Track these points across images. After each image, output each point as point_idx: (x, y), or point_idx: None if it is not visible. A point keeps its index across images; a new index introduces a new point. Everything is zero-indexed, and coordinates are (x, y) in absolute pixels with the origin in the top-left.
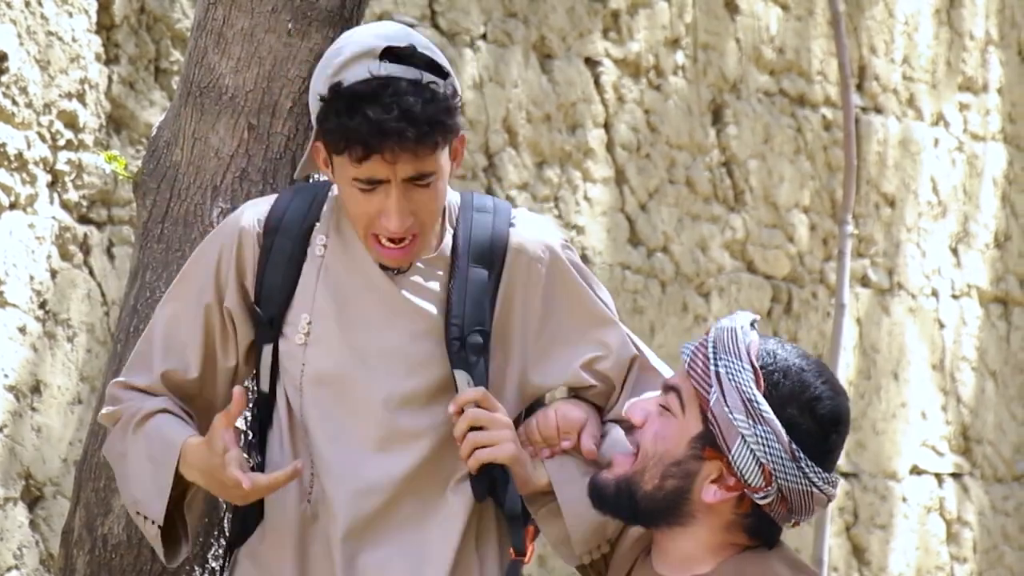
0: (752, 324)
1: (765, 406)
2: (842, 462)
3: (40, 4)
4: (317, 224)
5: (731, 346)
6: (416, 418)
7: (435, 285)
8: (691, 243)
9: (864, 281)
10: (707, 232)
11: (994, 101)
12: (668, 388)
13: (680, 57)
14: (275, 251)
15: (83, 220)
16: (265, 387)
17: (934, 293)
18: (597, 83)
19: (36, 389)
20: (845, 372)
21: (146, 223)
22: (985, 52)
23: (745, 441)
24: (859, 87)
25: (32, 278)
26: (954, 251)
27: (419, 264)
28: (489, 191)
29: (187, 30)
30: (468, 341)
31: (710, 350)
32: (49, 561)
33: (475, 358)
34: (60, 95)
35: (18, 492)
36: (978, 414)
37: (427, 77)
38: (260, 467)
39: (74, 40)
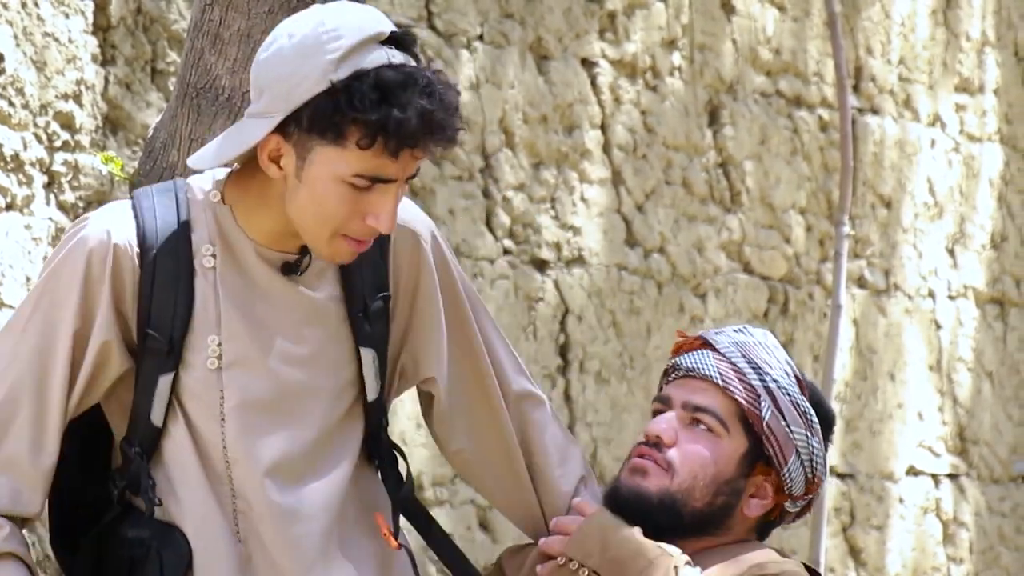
0: None
1: (815, 417)
2: (838, 463)
3: (36, 5)
4: (192, 232)
5: (772, 360)
6: (347, 430)
7: (330, 272)
8: (688, 244)
9: (860, 282)
10: (704, 233)
11: (991, 102)
12: (698, 408)
13: (676, 58)
14: (160, 271)
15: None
16: (159, 421)
17: (931, 294)
18: (594, 84)
19: None
20: (841, 373)
21: None
22: (982, 53)
23: (798, 454)
24: (855, 88)
25: (28, 279)
26: (951, 252)
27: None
28: (485, 192)
29: (183, 31)
30: (371, 309)
31: (745, 367)
32: (46, 562)
33: (378, 325)
34: (56, 96)
35: None
36: (974, 415)
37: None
38: (149, 504)
39: (70, 41)
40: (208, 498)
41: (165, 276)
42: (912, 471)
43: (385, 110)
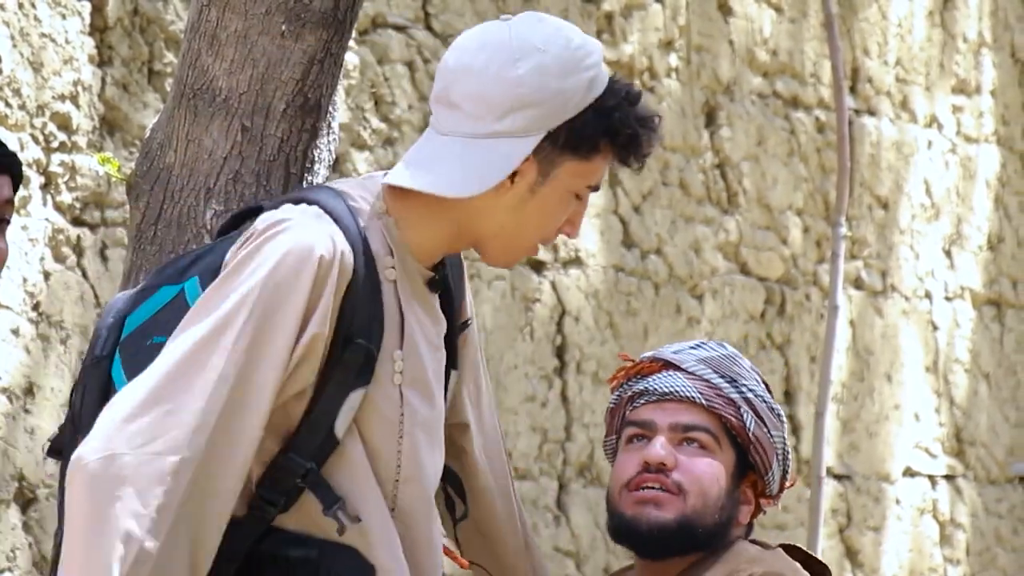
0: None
1: (783, 415)
2: (835, 464)
3: (33, 6)
4: (370, 243)
5: (742, 371)
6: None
7: (433, 295)
8: (684, 245)
9: (857, 283)
10: (700, 234)
11: (987, 103)
12: (689, 428)
13: (674, 59)
14: (363, 279)
15: (76, 222)
16: (341, 435)
17: (927, 295)
18: None
19: (29, 391)
20: (838, 374)
21: (139, 225)
22: (978, 54)
23: (778, 456)
24: (852, 89)
25: (25, 280)
26: (947, 253)
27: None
28: None
29: (180, 32)
30: (459, 333)
31: (720, 380)
32: (42, 563)
33: (456, 350)
34: (53, 97)
35: (11, 494)
36: (971, 416)
37: None
38: (346, 520)
39: (67, 42)
40: (387, 519)
41: (365, 286)
42: (909, 472)
43: (641, 127)
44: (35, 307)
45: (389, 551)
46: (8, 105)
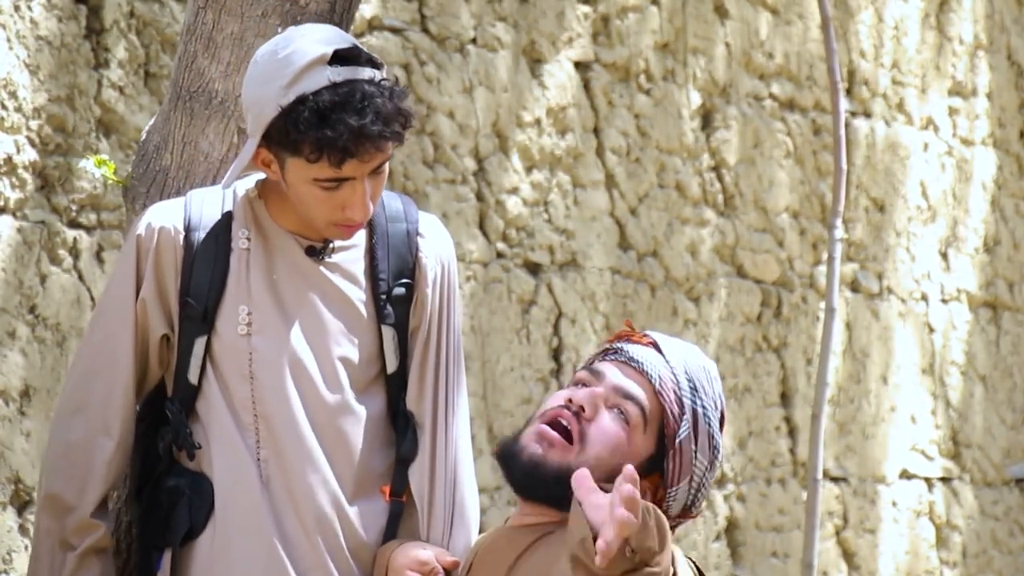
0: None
1: (721, 453)
2: (831, 466)
3: (30, 8)
4: (233, 221)
5: (708, 388)
6: (368, 396)
7: (358, 253)
8: (681, 247)
9: (854, 285)
10: (697, 236)
11: (983, 105)
12: (627, 396)
13: (670, 62)
14: (201, 250)
15: (73, 224)
16: (195, 380)
17: (923, 297)
18: (587, 87)
19: (25, 394)
20: (834, 376)
21: None
22: (974, 56)
23: (691, 481)
24: (848, 91)
25: (21, 283)
26: (944, 255)
27: (340, 242)
28: (479, 196)
29: (177, 34)
30: (393, 293)
31: (685, 383)
32: None
33: (399, 308)
34: (50, 99)
35: (7, 497)
36: (967, 418)
37: (377, 74)
38: (190, 448)
39: (63, 45)
40: (238, 447)
41: (205, 254)
42: (905, 474)
43: (321, 131)
44: (31, 310)
45: (233, 479)
46: (4, 108)
